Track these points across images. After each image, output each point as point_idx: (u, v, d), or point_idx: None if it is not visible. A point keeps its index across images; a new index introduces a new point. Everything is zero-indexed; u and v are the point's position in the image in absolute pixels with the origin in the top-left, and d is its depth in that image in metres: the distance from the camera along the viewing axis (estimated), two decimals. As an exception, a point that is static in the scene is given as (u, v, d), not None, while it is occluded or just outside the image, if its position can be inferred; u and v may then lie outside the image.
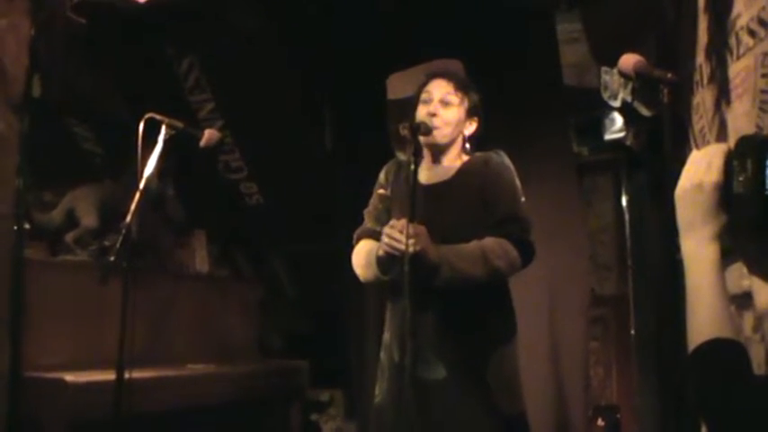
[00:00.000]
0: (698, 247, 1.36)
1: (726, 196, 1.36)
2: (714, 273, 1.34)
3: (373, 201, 3.05)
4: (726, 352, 1.29)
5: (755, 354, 1.29)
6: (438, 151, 2.90)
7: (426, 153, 2.92)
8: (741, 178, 1.33)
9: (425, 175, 2.91)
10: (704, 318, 1.32)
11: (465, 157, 2.94)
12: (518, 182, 2.89)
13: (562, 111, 4.83)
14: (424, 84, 2.95)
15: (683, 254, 1.39)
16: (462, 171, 2.89)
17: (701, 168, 1.38)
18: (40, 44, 3.77)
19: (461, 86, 2.92)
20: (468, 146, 2.95)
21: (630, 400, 5.32)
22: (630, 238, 5.46)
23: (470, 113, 2.92)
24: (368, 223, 3.00)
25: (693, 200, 1.38)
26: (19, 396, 3.44)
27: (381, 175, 3.07)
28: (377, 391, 2.92)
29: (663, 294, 4.29)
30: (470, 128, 2.95)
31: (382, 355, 2.96)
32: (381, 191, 3.03)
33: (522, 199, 2.87)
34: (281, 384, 4.83)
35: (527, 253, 2.78)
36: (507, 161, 2.93)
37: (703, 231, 1.36)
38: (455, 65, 4.22)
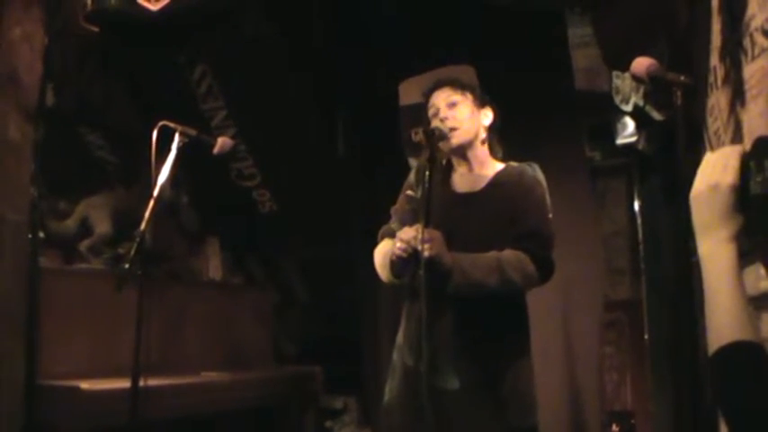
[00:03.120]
0: (715, 249, 1.35)
1: (743, 198, 1.35)
2: (732, 274, 1.33)
3: (401, 200, 3.03)
4: (747, 354, 1.28)
5: (773, 356, 1.29)
6: (463, 152, 2.88)
7: (455, 159, 2.92)
8: (759, 179, 1.32)
9: (458, 181, 2.92)
10: (724, 320, 1.31)
11: (498, 166, 2.93)
12: (548, 197, 2.88)
13: (574, 115, 4.82)
14: (427, 102, 2.96)
15: (700, 255, 1.38)
16: (494, 183, 2.87)
17: (717, 170, 1.37)
18: (54, 53, 3.79)
19: (459, 86, 2.93)
20: (487, 137, 2.94)
21: (645, 405, 5.31)
22: (643, 242, 5.45)
23: (479, 104, 2.92)
24: (393, 222, 2.99)
25: (709, 201, 1.37)
26: (34, 404, 3.46)
27: (411, 176, 3.03)
28: (386, 390, 2.92)
29: (676, 299, 4.28)
30: (487, 118, 2.93)
31: (395, 355, 2.95)
32: (410, 191, 2.99)
33: (550, 215, 2.85)
34: (296, 391, 4.84)
35: (545, 269, 2.76)
36: (540, 175, 2.92)
37: (720, 233, 1.35)
38: (466, 70, 4.23)
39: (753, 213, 1.36)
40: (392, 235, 2.88)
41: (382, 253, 2.92)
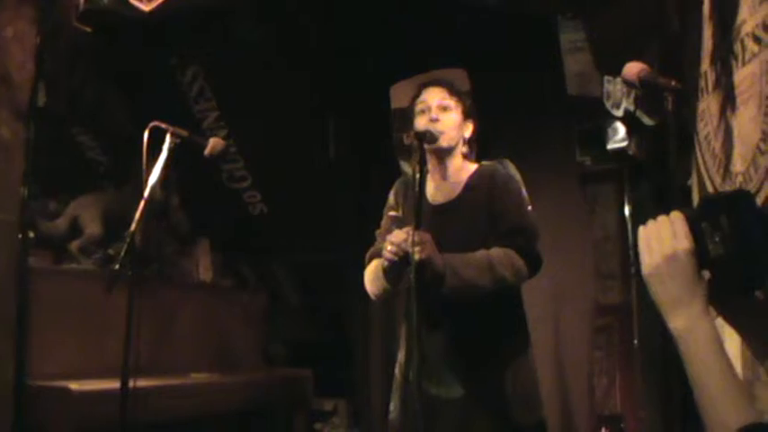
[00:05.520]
0: (693, 326, 1.26)
1: (702, 262, 1.28)
2: (717, 349, 1.25)
3: (384, 222, 3.03)
4: None
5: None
6: (443, 157, 2.89)
7: (432, 164, 2.91)
8: (717, 239, 1.26)
9: (433, 193, 2.92)
10: (724, 403, 1.22)
11: (470, 167, 2.93)
12: (524, 191, 2.89)
13: (565, 120, 4.84)
14: (417, 95, 2.96)
15: (674, 333, 1.28)
16: (469, 187, 2.88)
17: (667, 239, 1.29)
18: (46, 53, 3.79)
19: (454, 91, 2.95)
20: (466, 149, 2.95)
21: (634, 409, 5.30)
22: (634, 247, 5.44)
23: (466, 116, 2.94)
24: (379, 244, 2.97)
25: (672, 273, 1.29)
26: (24, 405, 3.45)
27: (390, 197, 3.06)
28: (391, 408, 2.91)
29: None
30: (468, 130, 2.95)
31: (396, 371, 2.94)
32: (392, 212, 3.01)
33: (530, 208, 2.86)
34: (286, 393, 4.84)
35: (534, 263, 2.77)
36: (513, 171, 2.93)
37: (693, 306, 1.27)
38: (459, 74, 4.24)
39: (717, 275, 1.29)
40: (381, 255, 2.88)
41: (372, 269, 2.91)
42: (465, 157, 2.96)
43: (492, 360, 2.74)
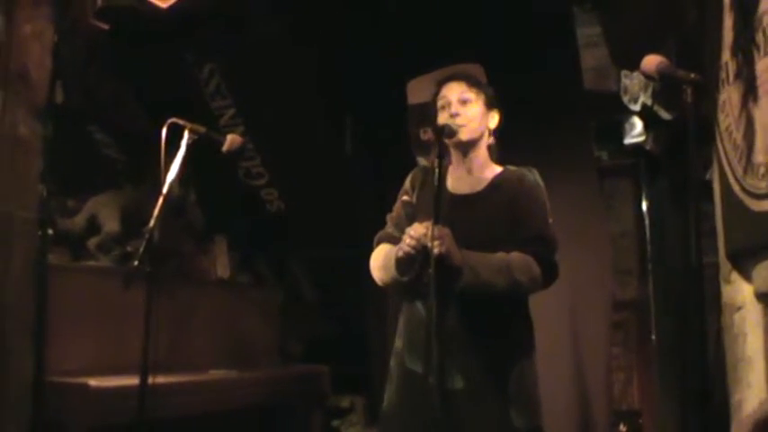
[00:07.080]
0: None
1: None
2: None
3: (397, 207, 3.02)
4: None
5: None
6: (467, 150, 2.87)
7: (455, 157, 2.91)
8: None
9: (455, 184, 2.90)
10: None
11: (497, 169, 2.92)
12: (548, 202, 2.88)
13: (582, 115, 4.82)
14: (437, 92, 2.95)
15: None
16: (494, 185, 2.86)
17: None
18: (64, 50, 3.80)
19: (474, 83, 2.92)
20: (492, 140, 2.94)
21: (652, 405, 5.30)
22: (651, 242, 5.44)
23: (489, 106, 2.91)
24: (389, 228, 2.98)
25: None
26: (42, 401, 3.46)
27: (407, 182, 3.04)
28: (385, 398, 2.90)
29: (684, 299, 4.27)
30: (493, 120, 2.93)
31: (392, 361, 2.93)
32: (406, 197, 2.99)
33: (551, 220, 2.85)
34: (303, 390, 4.84)
35: (551, 273, 2.77)
36: (539, 179, 2.91)
37: None
38: (475, 69, 4.22)
39: None
40: (389, 240, 2.88)
41: (382, 254, 2.91)
42: (491, 150, 2.95)
43: (496, 357, 2.72)
